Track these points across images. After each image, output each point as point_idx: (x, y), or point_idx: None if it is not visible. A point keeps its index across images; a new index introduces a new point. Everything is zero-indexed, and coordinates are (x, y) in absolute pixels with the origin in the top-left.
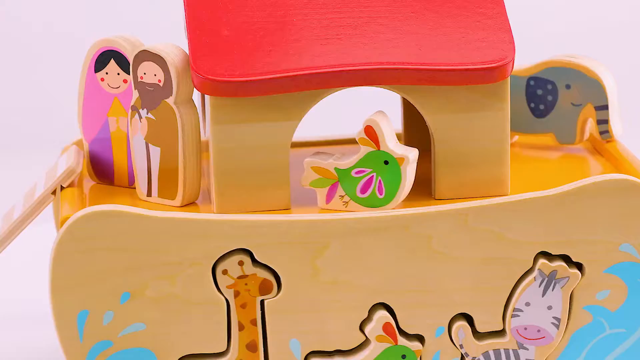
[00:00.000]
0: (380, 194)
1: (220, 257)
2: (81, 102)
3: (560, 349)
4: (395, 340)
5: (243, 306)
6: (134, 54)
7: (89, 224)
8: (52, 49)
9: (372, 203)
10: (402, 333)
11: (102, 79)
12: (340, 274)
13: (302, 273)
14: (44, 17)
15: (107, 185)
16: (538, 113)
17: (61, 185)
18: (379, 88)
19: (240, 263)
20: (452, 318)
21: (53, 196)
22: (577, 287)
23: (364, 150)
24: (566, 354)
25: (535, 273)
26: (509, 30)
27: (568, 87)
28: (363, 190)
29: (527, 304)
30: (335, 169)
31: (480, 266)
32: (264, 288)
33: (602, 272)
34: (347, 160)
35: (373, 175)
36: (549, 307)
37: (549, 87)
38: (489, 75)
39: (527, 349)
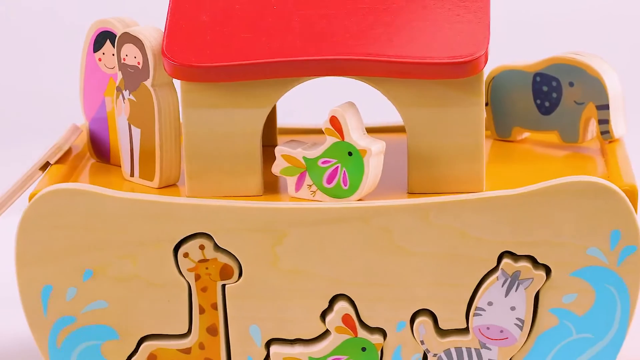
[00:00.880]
0: (345, 185)
1: (182, 240)
2: (82, 82)
3: (525, 351)
4: (355, 332)
5: (204, 290)
6: (118, 36)
7: (52, 201)
8: (58, 34)
9: (337, 194)
10: (364, 325)
11: (100, 59)
12: (300, 263)
13: (262, 260)
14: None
15: (105, 163)
16: (543, 110)
17: (48, 162)
18: (352, 79)
19: (201, 247)
20: (415, 313)
21: (41, 172)
22: (543, 289)
23: (330, 140)
24: (531, 356)
25: (498, 273)
26: (487, 25)
27: (571, 84)
28: (329, 181)
29: (490, 304)
30: (304, 158)
31: (442, 263)
32: (225, 273)
33: (569, 275)
34: (315, 150)
35: (338, 166)
36: (512, 308)
37: (554, 84)
38: (459, 69)
39: (490, 349)
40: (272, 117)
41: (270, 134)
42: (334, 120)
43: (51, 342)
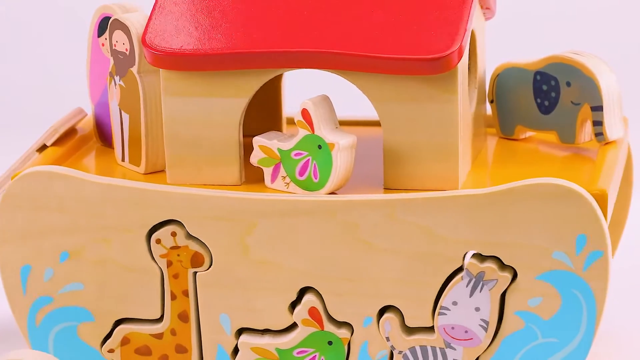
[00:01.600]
0: (315, 178)
1: (155, 226)
2: (88, 67)
3: (491, 353)
4: (322, 325)
5: (175, 276)
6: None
7: (30, 183)
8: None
9: (308, 186)
10: (331, 319)
11: (103, 44)
12: (268, 254)
13: (232, 249)
14: None
15: (108, 147)
16: (543, 109)
17: (45, 144)
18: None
19: (173, 234)
20: (382, 309)
21: (38, 154)
22: (509, 291)
23: (302, 133)
24: (497, 358)
25: (463, 272)
26: (465, 22)
27: (568, 84)
28: (301, 173)
29: (455, 303)
30: (278, 149)
31: (408, 260)
32: (196, 261)
33: (535, 278)
34: (289, 142)
35: (309, 159)
36: (477, 309)
37: (553, 83)
38: (431, 65)
39: (455, 349)
40: (277, 107)
41: (276, 124)
42: (305, 113)
43: (30, 321)
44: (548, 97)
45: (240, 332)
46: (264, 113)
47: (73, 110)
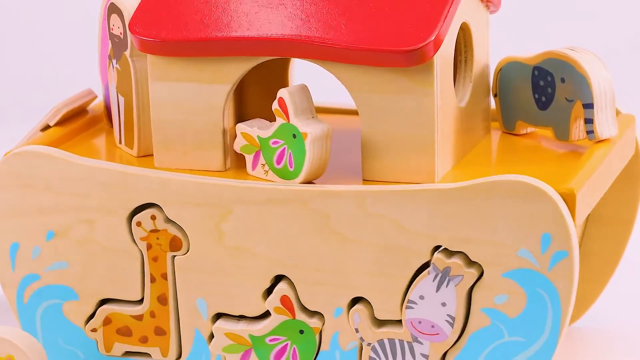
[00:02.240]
0: (291, 167)
1: (138, 209)
2: (99, 49)
3: (458, 349)
4: (293, 314)
5: (155, 259)
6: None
7: (18, 161)
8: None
9: (284, 175)
10: (303, 308)
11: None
12: (243, 241)
13: (208, 235)
14: None
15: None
16: (540, 105)
17: (48, 124)
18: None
19: (153, 217)
20: (353, 300)
21: (41, 133)
22: (476, 288)
23: (279, 122)
24: (464, 355)
25: (430, 267)
26: (443, 15)
27: (563, 80)
28: (278, 161)
29: (422, 298)
30: (258, 137)
31: (377, 252)
32: (174, 245)
33: (501, 275)
34: (268, 130)
35: (285, 148)
36: (443, 304)
37: (549, 79)
38: (405, 58)
39: (422, 343)
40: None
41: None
42: (281, 102)
43: (19, 298)
44: (545, 93)
45: (218, 317)
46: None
47: (82, 92)
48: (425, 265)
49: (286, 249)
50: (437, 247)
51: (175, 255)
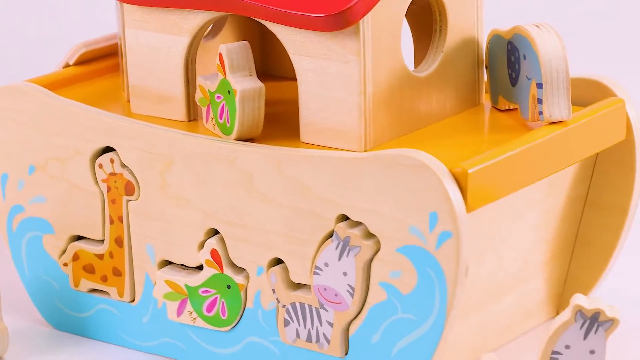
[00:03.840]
0: (228, 123)
1: (103, 151)
2: None
3: (360, 321)
4: (221, 268)
5: (113, 202)
6: None
7: (6, 97)
8: None
9: (224, 130)
10: (231, 264)
11: None
12: (183, 191)
13: (154, 183)
14: None
15: None
16: (512, 81)
17: (67, 62)
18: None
19: (112, 161)
20: (274, 261)
21: (59, 70)
22: (375, 260)
23: (219, 77)
24: (364, 327)
25: (333, 235)
26: None
27: (524, 57)
28: (220, 116)
29: (326, 265)
30: (208, 90)
31: (291, 214)
32: (129, 189)
33: (395, 250)
34: (213, 83)
35: (224, 104)
36: (344, 273)
37: (517, 54)
38: (327, 22)
39: (327, 311)
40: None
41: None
42: (220, 57)
43: (8, 226)
44: (514, 69)
45: (166, 264)
46: None
47: (108, 34)
48: (332, 233)
49: (218, 204)
50: (346, 217)
51: (129, 200)
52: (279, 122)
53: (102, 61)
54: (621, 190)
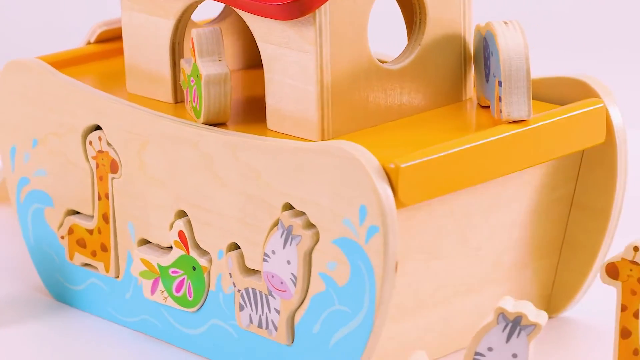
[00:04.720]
0: (198, 107)
1: (95, 129)
2: None
3: (303, 310)
4: (187, 250)
5: (100, 179)
6: None
7: (12, 71)
8: None
9: (196, 114)
10: (197, 246)
11: None
12: (157, 172)
13: (132, 162)
14: None
15: None
16: (486, 77)
17: (89, 40)
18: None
19: (100, 139)
20: (233, 245)
21: (79, 48)
22: (315, 251)
23: (191, 61)
24: (307, 317)
25: (278, 223)
26: None
27: (492, 54)
28: (194, 100)
29: (273, 252)
30: (187, 74)
31: (245, 201)
32: (113, 167)
33: (331, 241)
34: (188, 68)
35: (195, 87)
36: (288, 262)
37: (488, 50)
38: (279, 10)
39: (275, 298)
40: None
41: None
42: (192, 42)
43: (17, 196)
44: (487, 65)
45: (144, 242)
46: None
47: None
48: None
49: (185, 186)
50: (291, 206)
51: (114, 178)
52: (260, 110)
53: (121, 40)
54: (603, 192)
